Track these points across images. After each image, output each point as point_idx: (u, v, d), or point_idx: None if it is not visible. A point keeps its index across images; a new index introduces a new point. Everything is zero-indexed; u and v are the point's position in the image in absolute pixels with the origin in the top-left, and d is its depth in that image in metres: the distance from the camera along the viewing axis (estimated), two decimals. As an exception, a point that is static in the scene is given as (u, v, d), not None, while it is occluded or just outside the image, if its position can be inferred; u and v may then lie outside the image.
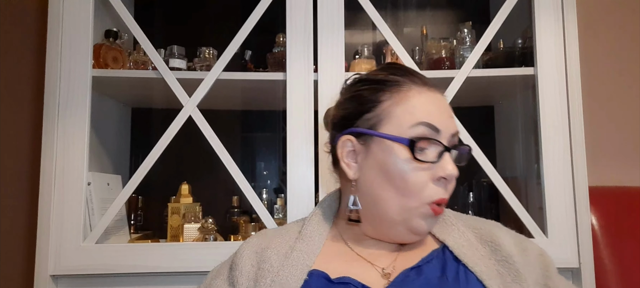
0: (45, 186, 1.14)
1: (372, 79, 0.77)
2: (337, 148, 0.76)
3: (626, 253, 1.29)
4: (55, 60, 1.17)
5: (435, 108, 0.72)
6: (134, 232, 1.41)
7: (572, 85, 1.20)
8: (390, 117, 0.72)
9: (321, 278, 0.71)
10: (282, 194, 1.43)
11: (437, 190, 0.70)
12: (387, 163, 0.71)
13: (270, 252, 0.76)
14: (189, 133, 1.20)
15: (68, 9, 1.19)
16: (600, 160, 1.58)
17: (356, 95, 0.76)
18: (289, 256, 0.74)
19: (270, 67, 1.35)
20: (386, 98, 0.73)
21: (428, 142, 0.69)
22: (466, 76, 1.24)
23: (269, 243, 0.78)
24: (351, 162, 0.75)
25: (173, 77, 1.22)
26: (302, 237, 0.77)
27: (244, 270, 0.75)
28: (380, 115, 0.72)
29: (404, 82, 0.74)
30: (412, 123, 0.70)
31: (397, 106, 0.72)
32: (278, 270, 0.72)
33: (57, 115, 1.16)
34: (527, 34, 1.32)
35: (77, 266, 1.12)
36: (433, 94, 0.74)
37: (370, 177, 0.73)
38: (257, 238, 0.81)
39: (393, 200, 0.71)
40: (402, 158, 0.69)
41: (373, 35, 1.65)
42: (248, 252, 0.77)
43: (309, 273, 0.72)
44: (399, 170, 0.69)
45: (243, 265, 0.75)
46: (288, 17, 1.22)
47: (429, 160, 0.69)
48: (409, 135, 0.69)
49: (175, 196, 1.36)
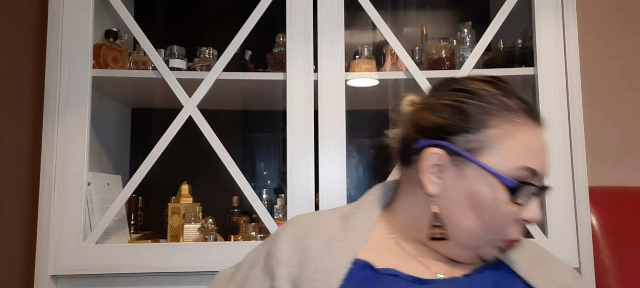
0: (45, 186, 1.14)
1: (481, 95, 0.69)
2: (421, 156, 0.69)
3: (626, 253, 1.29)
4: (55, 60, 1.17)
5: (541, 150, 0.68)
6: (134, 232, 1.41)
7: (572, 85, 1.20)
8: (495, 148, 0.66)
9: (365, 268, 0.69)
10: (282, 194, 1.43)
11: (517, 230, 0.68)
12: (480, 194, 0.66)
13: (311, 239, 0.72)
14: (189, 133, 1.20)
15: (68, 9, 1.19)
16: (600, 160, 1.58)
17: (459, 107, 0.68)
18: (332, 244, 0.71)
19: (270, 67, 1.35)
20: (495, 124, 0.67)
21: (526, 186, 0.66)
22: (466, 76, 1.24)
23: (309, 230, 0.74)
24: (434, 177, 0.69)
25: (173, 77, 1.22)
26: (347, 226, 0.74)
27: (282, 258, 0.71)
28: (484, 141, 0.66)
29: (518, 113, 0.68)
30: (518, 165, 0.65)
31: (506, 139, 0.66)
32: (321, 257, 0.69)
33: (57, 115, 1.16)
34: (527, 34, 1.32)
35: (77, 266, 1.12)
36: (540, 131, 0.69)
37: (455, 199, 0.68)
38: (295, 225, 0.77)
39: (473, 229, 0.67)
40: (499, 196, 0.65)
41: (373, 35, 1.65)
42: (287, 238, 0.74)
43: (354, 262, 0.69)
44: (490, 206, 0.65)
45: (281, 253, 0.72)
46: (288, 17, 1.22)
47: (521, 202, 0.66)
48: (513, 176, 0.65)
49: (175, 196, 1.36)
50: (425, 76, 1.24)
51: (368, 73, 1.30)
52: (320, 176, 1.18)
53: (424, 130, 0.71)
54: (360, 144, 1.65)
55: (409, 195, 0.75)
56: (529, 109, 0.70)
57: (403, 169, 0.77)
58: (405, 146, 0.75)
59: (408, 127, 0.75)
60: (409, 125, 0.75)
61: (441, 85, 0.76)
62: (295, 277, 0.69)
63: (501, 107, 0.68)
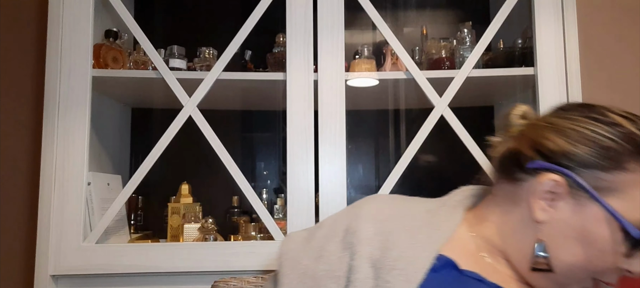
0: (45, 186, 1.14)
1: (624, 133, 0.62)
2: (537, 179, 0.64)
3: (626, 253, 1.29)
4: (55, 60, 1.17)
5: None
6: (134, 232, 1.41)
7: (572, 85, 1.20)
8: (626, 193, 0.61)
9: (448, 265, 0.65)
10: (282, 194, 1.43)
11: (615, 277, 0.63)
12: (598, 235, 0.61)
13: (395, 224, 0.68)
14: (189, 133, 1.20)
15: (68, 9, 1.19)
16: (600, 160, 1.58)
17: (597, 141, 0.62)
18: (416, 234, 0.67)
19: (270, 67, 1.35)
20: (632, 169, 0.61)
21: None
22: (466, 76, 1.24)
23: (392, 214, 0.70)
24: (546, 204, 0.63)
25: (173, 77, 1.22)
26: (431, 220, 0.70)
27: (364, 237, 0.66)
28: (617, 183, 0.61)
29: None
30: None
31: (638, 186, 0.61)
32: (406, 245, 0.65)
33: (57, 115, 1.16)
34: (527, 34, 1.32)
35: (77, 266, 1.12)
36: None
37: (565, 233, 0.63)
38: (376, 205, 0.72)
39: (572, 266, 0.63)
40: (617, 243, 0.61)
41: (373, 35, 1.65)
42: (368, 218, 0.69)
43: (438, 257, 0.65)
44: (604, 250, 0.61)
45: (363, 231, 0.67)
46: (288, 17, 1.22)
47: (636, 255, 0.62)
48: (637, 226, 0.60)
49: (175, 196, 1.36)
50: (425, 76, 1.24)
51: (368, 73, 1.30)
52: (320, 176, 1.18)
53: (545, 151, 0.64)
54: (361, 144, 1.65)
55: (504, 212, 0.69)
56: None
57: (504, 183, 0.70)
58: (514, 161, 0.68)
59: (522, 142, 0.68)
60: (523, 141, 0.68)
61: (572, 108, 0.68)
62: (376, 259, 0.64)
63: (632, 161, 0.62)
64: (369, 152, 1.66)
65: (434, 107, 1.22)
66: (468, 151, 1.22)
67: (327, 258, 0.67)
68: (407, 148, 1.21)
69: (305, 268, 0.68)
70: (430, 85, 1.23)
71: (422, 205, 0.74)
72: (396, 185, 1.21)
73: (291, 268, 0.69)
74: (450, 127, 1.22)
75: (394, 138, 1.65)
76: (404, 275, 0.62)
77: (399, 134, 1.65)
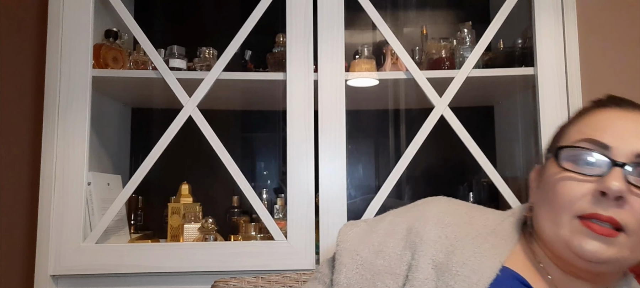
0: (45, 186, 1.14)
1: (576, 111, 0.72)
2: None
3: (626, 253, 1.29)
4: (55, 60, 1.17)
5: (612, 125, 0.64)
6: (134, 232, 1.41)
7: (572, 85, 1.20)
8: (562, 137, 0.68)
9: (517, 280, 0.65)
10: (282, 194, 1.43)
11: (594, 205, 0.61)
12: (545, 179, 0.67)
13: (459, 230, 0.69)
14: (189, 133, 1.20)
15: (68, 9, 1.19)
16: (600, 160, 1.58)
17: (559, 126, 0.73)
18: (481, 243, 0.67)
19: (270, 67, 1.35)
20: (569, 123, 0.69)
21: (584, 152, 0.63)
22: (466, 76, 1.24)
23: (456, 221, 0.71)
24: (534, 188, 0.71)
25: (173, 77, 1.22)
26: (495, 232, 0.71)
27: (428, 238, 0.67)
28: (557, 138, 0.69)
29: (592, 108, 0.68)
30: (576, 139, 0.65)
31: (571, 126, 0.68)
32: (470, 253, 0.65)
33: (57, 115, 1.16)
34: (527, 34, 1.32)
35: (77, 266, 1.12)
36: (625, 113, 0.66)
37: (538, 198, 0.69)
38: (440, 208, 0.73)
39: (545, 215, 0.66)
40: (554, 170, 0.65)
41: (373, 35, 1.65)
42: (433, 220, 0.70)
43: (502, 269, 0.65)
44: (551, 182, 0.65)
45: (427, 232, 0.68)
46: (288, 17, 1.22)
47: (585, 171, 0.62)
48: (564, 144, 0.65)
49: (175, 196, 1.36)
50: (425, 76, 1.24)
51: (368, 73, 1.30)
52: (320, 176, 1.18)
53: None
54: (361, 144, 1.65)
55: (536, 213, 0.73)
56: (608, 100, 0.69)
57: None
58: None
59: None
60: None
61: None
62: (440, 262, 0.65)
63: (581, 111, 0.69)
64: (369, 152, 1.66)
65: (434, 107, 1.22)
66: (468, 151, 1.22)
67: (386, 254, 0.68)
68: (407, 149, 1.21)
69: (363, 260, 0.68)
70: (430, 85, 1.23)
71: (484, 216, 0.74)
72: (396, 185, 1.21)
73: (350, 258, 0.70)
74: (450, 127, 1.22)
75: (394, 138, 1.65)
76: (467, 281, 0.62)
77: (399, 134, 1.65)
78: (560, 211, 0.63)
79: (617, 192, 0.58)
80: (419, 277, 0.64)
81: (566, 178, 0.63)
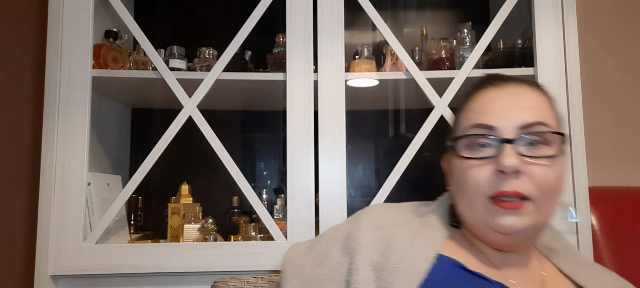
0: (45, 186, 1.14)
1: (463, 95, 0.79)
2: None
3: (626, 253, 1.29)
4: (55, 60, 1.17)
5: (493, 105, 0.70)
6: (134, 232, 1.41)
7: (572, 85, 1.20)
8: (456, 127, 0.75)
9: (453, 265, 0.70)
10: (282, 194, 1.43)
11: (498, 183, 0.66)
12: (453, 169, 0.73)
13: (395, 229, 0.74)
14: (189, 133, 1.20)
15: (68, 9, 1.19)
16: (600, 160, 1.58)
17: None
18: (415, 237, 0.72)
19: (270, 67, 1.35)
20: (460, 110, 0.76)
21: (475, 138, 0.69)
22: (466, 76, 1.24)
23: (391, 221, 0.76)
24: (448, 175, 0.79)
25: (173, 78, 1.22)
26: (428, 224, 0.76)
27: (364, 243, 0.72)
28: (454, 128, 0.76)
29: (474, 91, 0.75)
30: (466, 127, 0.71)
31: (461, 114, 0.75)
32: (406, 248, 0.70)
33: (57, 115, 1.16)
34: (527, 34, 1.32)
35: (77, 266, 1.12)
36: (502, 90, 0.72)
37: (453, 186, 0.75)
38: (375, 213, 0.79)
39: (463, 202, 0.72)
40: (457, 160, 0.71)
41: (373, 35, 1.65)
42: (369, 224, 0.75)
43: (438, 257, 0.70)
44: (458, 172, 0.71)
45: (364, 237, 0.73)
46: (288, 17, 1.22)
47: (481, 155, 0.68)
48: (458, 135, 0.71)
49: (175, 196, 1.36)
50: (425, 76, 1.24)
51: (368, 73, 1.30)
52: (320, 176, 1.18)
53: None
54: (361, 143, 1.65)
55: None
56: (487, 80, 0.75)
57: None
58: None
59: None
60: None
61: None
62: (378, 263, 0.69)
63: (467, 94, 0.76)
64: (369, 152, 1.66)
65: (434, 107, 1.22)
66: (468, 151, 1.22)
67: (328, 263, 0.72)
68: (407, 148, 1.21)
69: (307, 273, 0.72)
70: (430, 85, 1.23)
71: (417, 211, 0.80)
72: (396, 185, 1.21)
73: (293, 274, 0.74)
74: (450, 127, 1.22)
75: (394, 138, 1.65)
76: (405, 275, 0.66)
77: (399, 134, 1.65)
78: (472, 197, 0.69)
79: (512, 168, 0.65)
80: (359, 279, 0.68)
81: (468, 166, 0.69)
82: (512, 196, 0.66)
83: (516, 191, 0.66)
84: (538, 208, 0.67)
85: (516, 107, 0.69)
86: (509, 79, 0.74)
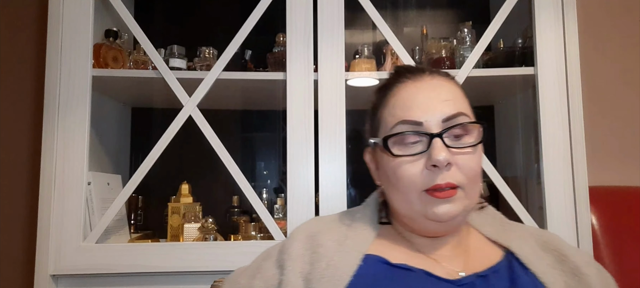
0: (45, 186, 1.14)
1: (377, 88, 0.80)
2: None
3: (626, 253, 1.29)
4: (55, 60, 1.17)
5: (416, 100, 0.73)
6: (134, 232, 1.41)
7: (572, 85, 1.20)
8: (381, 123, 0.76)
9: (378, 262, 0.73)
10: (282, 194, 1.43)
11: (432, 177, 0.69)
12: (383, 165, 0.75)
13: (323, 236, 0.77)
14: (189, 133, 1.20)
15: (68, 9, 1.19)
16: (600, 160, 1.58)
17: (370, 107, 0.81)
18: (342, 242, 0.75)
19: (270, 67, 1.35)
20: (380, 104, 0.77)
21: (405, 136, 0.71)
22: (466, 76, 1.24)
23: (321, 229, 0.79)
24: (374, 170, 0.81)
25: (173, 77, 1.22)
26: (354, 226, 0.79)
27: (294, 253, 0.75)
28: (376, 123, 0.77)
29: (392, 84, 0.77)
30: (393, 124, 0.73)
31: (384, 110, 0.76)
32: (333, 254, 0.73)
33: (57, 115, 1.16)
34: (527, 34, 1.32)
35: (77, 266, 1.12)
36: (420, 84, 0.75)
37: (384, 182, 0.77)
38: (309, 224, 0.82)
39: (397, 197, 0.73)
40: (389, 158, 0.73)
41: (373, 35, 1.65)
42: (300, 236, 0.78)
43: (364, 258, 0.73)
44: (390, 169, 0.73)
45: (294, 249, 0.76)
46: (288, 17, 1.22)
47: (413, 152, 0.70)
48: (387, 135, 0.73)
49: (175, 196, 1.36)
50: (425, 76, 1.24)
51: (368, 73, 1.30)
52: (320, 176, 1.18)
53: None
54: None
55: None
56: (402, 73, 0.77)
57: None
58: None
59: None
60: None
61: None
62: (307, 272, 0.72)
63: (383, 88, 0.77)
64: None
65: (434, 107, 1.22)
66: (468, 151, 1.21)
67: (262, 275, 0.77)
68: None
69: (242, 286, 0.77)
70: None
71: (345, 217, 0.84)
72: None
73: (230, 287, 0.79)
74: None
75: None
76: (332, 281, 0.70)
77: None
78: (408, 192, 0.71)
79: (443, 162, 0.68)
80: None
81: (400, 163, 0.71)
82: (445, 187, 0.69)
83: (449, 182, 0.69)
84: (467, 193, 0.71)
85: (437, 100, 0.72)
86: (424, 70, 0.77)
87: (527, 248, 0.75)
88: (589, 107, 1.56)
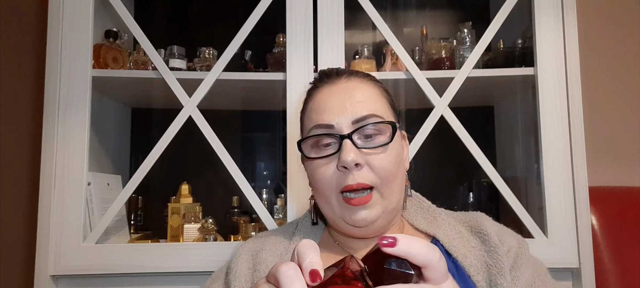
0: (45, 186, 1.14)
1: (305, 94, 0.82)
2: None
3: (626, 253, 1.30)
4: (55, 60, 1.17)
5: (329, 104, 0.74)
6: (134, 232, 1.41)
7: (572, 86, 1.20)
8: (302, 128, 0.79)
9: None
10: (282, 194, 1.43)
11: (343, 179, 0.71)
12: (307, 169, 0.77)
13: (265, 253, 0.78)
14: (189, 133, 1.20)
15: (68, 9, 1.19)
16: (600, 160, 1.58)
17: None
18: (283, 256, 0.77)
19: (270, 67, 1.35)
20: (303, 110, 0.80)
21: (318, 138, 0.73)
22: (466, 76, 1.24)
23: (264, 245, 0.80)
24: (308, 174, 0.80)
25: (173, 77, 1.22)
26: (295, 239, 0.80)
27: (239, 273, 0.77)
28: (301, 128, 0.79)
29: (312, 90, 0.79)
30: (309, 128, 0.75)
31: (304, 114, 0.78)
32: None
33: (57, 115, 1.16)
34: (527, 34, 1.32)
35: (77, 266, 1.12)
36: (335, 87, 0.76)
37: (312, 186, 0.78)
38: (253, 241, 0.84)
39: (320, 200, 0.76)
40: (309, 161, 0.75)
41: (373, 35, 1.65)
42: (244, 255, 0.80)
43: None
44: (310, 172, 0.75)
45: (238, 268, 0.78)
46: (288, 17, 1.22)
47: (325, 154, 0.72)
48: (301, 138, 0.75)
49: (175, 196, 1.36)
50: (425, 76, 1.24)
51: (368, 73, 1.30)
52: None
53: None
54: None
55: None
56: (318, 79, 0.79)
57: None
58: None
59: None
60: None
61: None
62: None
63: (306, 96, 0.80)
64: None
65: (434, 107, 1.22)
66: (468, 151, 1.22)
67: None
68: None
69: None
70: (430, 85, 1.23)
71: (291, 227, 0.85)
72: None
73: None
74: (450, 127, 1.22)
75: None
76: None
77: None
78: (326, 193, 0.73)
79: (352, 162, 0.69)
80: None
81: (317, 166, 0.73)
82: (357, 188, 0.70)
83: (359, 183, 0.70)
84: (383, 194, 0.72)
85: (349, 102, 0.73)
86: (341, 74, 0.78)
87: (453, 234, 0.77)
88: (589, 108, 1.56)
